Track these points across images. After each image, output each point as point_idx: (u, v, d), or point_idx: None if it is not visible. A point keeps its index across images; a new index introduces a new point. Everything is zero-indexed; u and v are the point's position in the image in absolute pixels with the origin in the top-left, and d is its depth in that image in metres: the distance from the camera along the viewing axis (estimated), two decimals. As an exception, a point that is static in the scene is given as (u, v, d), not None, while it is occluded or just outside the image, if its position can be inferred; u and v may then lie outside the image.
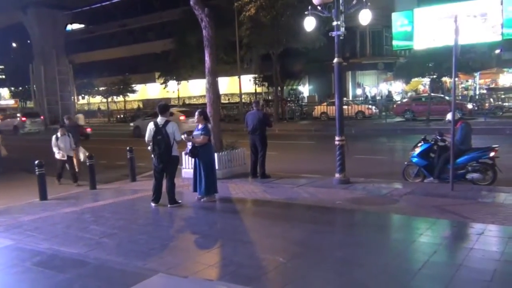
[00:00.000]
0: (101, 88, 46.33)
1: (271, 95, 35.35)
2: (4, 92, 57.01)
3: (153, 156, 7.53)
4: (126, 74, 44.55)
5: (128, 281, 4.46)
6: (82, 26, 54.28)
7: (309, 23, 9.15)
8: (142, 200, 8.22)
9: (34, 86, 39.93)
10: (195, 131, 7.82)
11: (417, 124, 22.00)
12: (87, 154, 10.90)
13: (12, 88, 52.73)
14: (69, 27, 50.32)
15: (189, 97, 45.58)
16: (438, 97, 25.22)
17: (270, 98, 35.88)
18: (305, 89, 39.88)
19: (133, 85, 44.62)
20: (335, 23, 8.60)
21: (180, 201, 7.70)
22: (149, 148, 7.54)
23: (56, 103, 37.73)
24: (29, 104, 50.18)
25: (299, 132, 23.04)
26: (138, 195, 8.75)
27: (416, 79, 29.07)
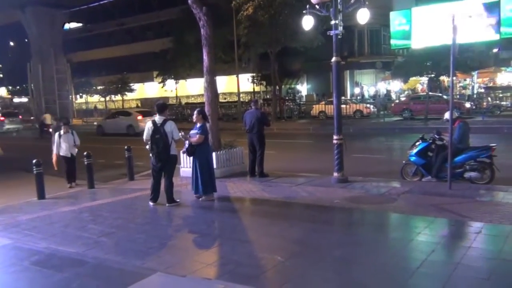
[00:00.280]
0: (99, 87, 46.27)
1: (269, 94, 35.33)
2: (2, 91, 56.83)
3: (151, 155, 7.53)
4: (124, 73, 44.46)
5: (126, 280, 4.46)
6: (80, 25, 54.11)
7: (307, 22, 9.16)
8: (140, 199, 8.21)
9: (32, 85, 39.79)
10: (193, 130, 7.82)
11: (415, 123, 22.00)
12: (76, 151, 10.84)
13: (10, 87, 52.59)
14: (67, 26, 50.11)
15: (187, 96, 45.55)
16: (436, 96, 25.27)
17: (268, 97, 35.86)
18: (303, 88, 39.91)
19: (131, 84, 44.59)
20: (333, 22, 8.60)
21: (178, 200, 7.70)
22: (147, 147, 7.54)
23: (54, 102, 37.64)
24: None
25: (297, 131, 23.04)
26: (136, 194, 8.74)
27: (414, 78, 29.13)
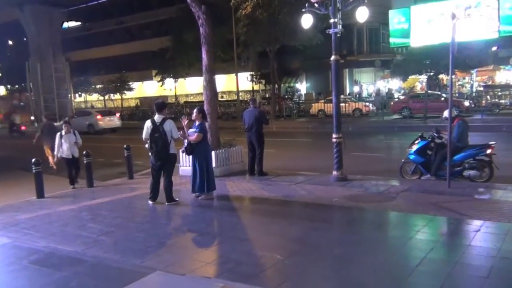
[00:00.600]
0: (98, 86, 46.18)
1: (268, 93, 35.31)
2: (0, 90, 56.69)
3: (150, 154, 7.52)
4: (123, 71, 44.32)
5: (125, 279, 4.46)
6: (79, 23, 53.96)
7: (306, 21, 9.15)
8: (140, 198, 8.20)
9: (31, 84, 39.69)
10: (192, 128, 7.82)
11: (414, 121, 22.01)
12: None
13: (8, 86, 52.45)
14: (66, 24, 49.98)
15: (186, 95, 45.50)
16: (435, 94, 25.27)
17: (267, 95, 35.85)
18: (302, 87, 39.90)
19: (130, 83, 44.48)
20: (332, 20, 8.59)
21: (177, 199, 7.70)
22: (146, 146, 7.54)
23: (53, 101, 37.56)
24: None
25: (296, 130, 23.04)
26: (136, 193, 8.74)
27: (413, 76, 29.12)
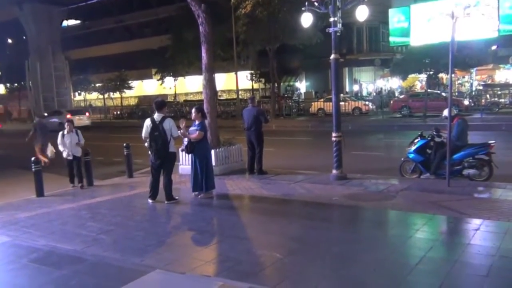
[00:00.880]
0: (97, 85, 46.12)
1: (268, 92, 35.30)
2: (0, 89, 56.65)
3: (150, 152, 7.52)
4: (123, 70, 44.25)
5: (125, 277, 4.46)
6: (78, 22, 53.92)
7: (306, 19, 9.14)
8: (139, 197, 8.21)
9: (30, 82, 39.70)
10: (191, 127, 7.82)
11: (414, 120, 22.02)
12: (54, 151, 10.71)
13: (8, 85, 52.40)
14: (65, 23, 49.97)
15: (186, 94, 45.48)
16: (435, 93, 25.27)
17: (267, 94, 35.82)
18: (302, 86, 39.90)
19: (129, 81, 44.41)
20: (332, 19, 8.58)
21: (177, 198, 7.70)
22: (146, 144, 7.54)
23: (53, 99, 37.58)
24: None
25: (296, 128, 23.04)
26: (135, 192, 8.74)
27: (413, 75, 29.10)
